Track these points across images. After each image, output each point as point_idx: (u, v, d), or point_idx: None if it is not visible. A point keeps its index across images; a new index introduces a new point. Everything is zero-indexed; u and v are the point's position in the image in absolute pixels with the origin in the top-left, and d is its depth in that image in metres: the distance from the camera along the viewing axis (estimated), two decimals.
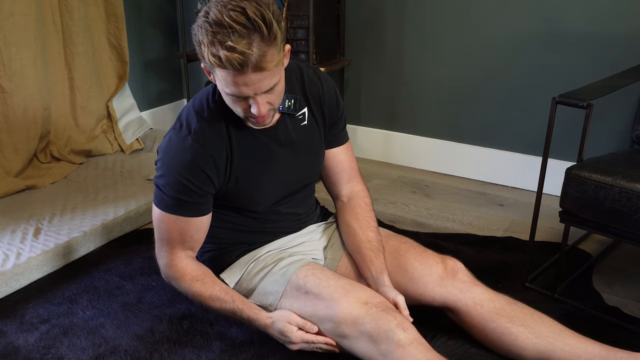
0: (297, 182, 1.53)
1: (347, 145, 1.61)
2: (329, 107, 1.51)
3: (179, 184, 1.36)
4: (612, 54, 2.25)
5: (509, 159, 2.59)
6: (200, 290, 1.44)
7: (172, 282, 1.49)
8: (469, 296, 1.44)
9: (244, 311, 1.43)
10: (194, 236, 1.45)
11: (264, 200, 1.49)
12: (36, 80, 2.45)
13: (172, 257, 1.46)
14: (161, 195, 1.39)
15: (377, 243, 1.52)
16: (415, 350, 1.24)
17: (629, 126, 2.28)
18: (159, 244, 1.47)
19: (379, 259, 1.48)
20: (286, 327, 1.38)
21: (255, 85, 1.21)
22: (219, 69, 1.20)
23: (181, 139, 1.36)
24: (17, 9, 2.32)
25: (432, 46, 2.63)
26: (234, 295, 1.45)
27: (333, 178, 1.61)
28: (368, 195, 1.62)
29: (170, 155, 1.37)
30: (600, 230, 1.65)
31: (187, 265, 1.47)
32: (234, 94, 1.24)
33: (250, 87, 1.21)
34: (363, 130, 2.92)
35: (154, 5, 3.06)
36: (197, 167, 1.35)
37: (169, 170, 1.36)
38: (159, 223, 1.44)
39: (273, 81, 1.23)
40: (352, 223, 1.55)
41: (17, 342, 1.58)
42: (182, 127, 1.37)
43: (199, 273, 1.47)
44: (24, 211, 2.18)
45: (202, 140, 1.35)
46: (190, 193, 1.37)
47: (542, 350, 1.37)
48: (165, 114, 3.22)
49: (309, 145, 1.50)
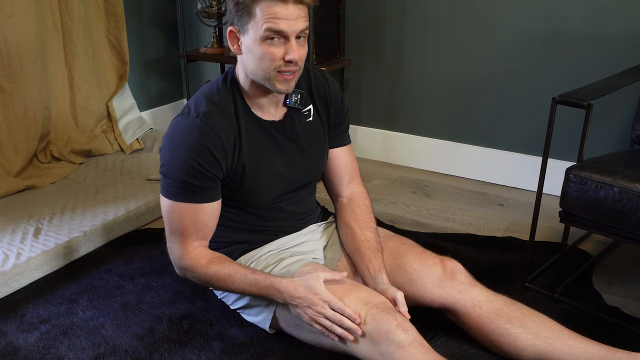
0: (300, 178, 1.53)
1: (349, 147, 1.62)
2: (334, 107, 1.53)
3: (187, 167, 1.34)
4: (612, 54, 2.25)
5: (509, 159, 2.59)
6: (217, 270, 1.40)
7: (187, 272, 1.45)
8: (468, 297, 1.44)
9: (267, 278, 1.38)
10: (207, 223, 1.42)
11: (267, 193, 1.48)
12: (36, 80, 2.45)
13: (185, 247, 1.42)
14: (169, 183, 1.37)
15: (375, 243, 1.51)
16: (416, 351, 1.24)
17: (629, 126, 2.28)
18: (170, 238, 1.44)
19: (377, 258, 1.48)
20: (318, 285, 1.31)
21: (292, 21, 1.26)
22: (262, 2, 1.24)
23: (189, 122, 1.35)
24: (17, 9, 2.32)
25: (432, 46, 2.63)
26: (252, 268, 1.42)
27: (334, 179, 1.61)
28: (368, 197, 1.62)
29: (177, 137, 1.36)
30: (600, 230, 1.65)
31: (202, 252, 1.43)
32: (273, 30, 1.26)
33: (289, 20, 1.25)
34: (363, 130, 2.92)
35: (154, 5, 3.06)
36: (204, 148, 1.33)
37: (176, 152, 1.35)
38: (169, 214, 1.41)
39: (306, 24, 1.29)
40: (352, 223, 1.55)
41: (17, 342, 1.58)
42: (191, 111, 1.37)
43: (213, 256, 1.44)
44: (24, 211, 2.18)
45: (211, 122, 1.34)
46: (199, 176, 1.35)
47: (541, 351, 1.37)
48: (165, 114, 3.22)
49: (314, 142, 1.52)
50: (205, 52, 2.86)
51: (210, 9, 2.76)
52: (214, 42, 2.86)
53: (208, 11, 2.76)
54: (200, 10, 2.78)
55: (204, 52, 2.86)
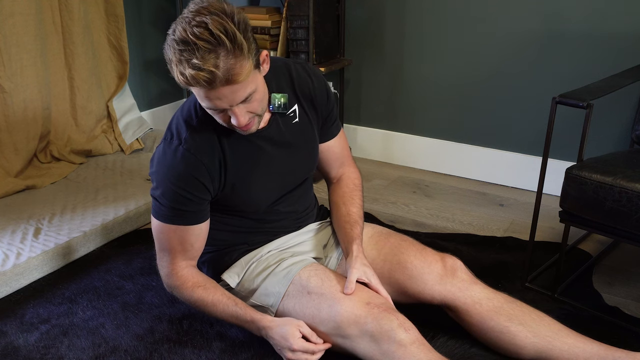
0: (293, 180, 1.53)
1: (340, 135, 1.62)
2: (321, 103, 1.51)
3: (174, 194, 1.36)
4: (612, 54, 2.25)
5: (509, 159, 2.59)
6: (202, 296, 1.44)
7: (174, 291, 1.49)
8: (468, 294, 1.44)
9: (247, 313, 1.41)
10: (195, 244, 1.45)
11: (261, 202, 1.49)
12: (36, 80, 2.45)
13: (173, 266, 1.46)
14: (158, 206, 1.40)
15: (356, 216, 1.52)
16: (417, 350, 1.24)
17: (629, 126, 2.28)
18: (160, 255, 1.48)
19: (354, 230, 1.49)
20: (291, 332, 1.35)
21: (229, 98, 1.20)
22: (194, 87, 1.20)
23: (172, 150, 1.36)
24: (17, 9, 2.32)
25: (432, 46, 2.63)
26: (235, 299, 1.44)
27: (326, 165, 1.63)
28: (359, 177, 1.64)
29: (164, 167, 1.37)
30: (600, 230, 1.65)
31: (189, 273, 1.47)
32: (210, 108, 1.25)
33: (224, 100, 1.20)
34: (363, 130, 2.92)
35: (154, 5, 3.06)
36: (191, 176, 1.35)
37: (163, 181, 1.37)
38: (158, 234, 1.44)
39: (247, 91, 1.21)
40: (337, 200, 1.58)
41: (17, 342, 1.58)
42: (173, 138, 1.37)
43: (200, 279, 1.46)
44: (24, 211, 2.18)
45: (194, 149, 1.35)
46: (187, 202, 1.37)
47: (541, 349, 1.37)
48: (165, 114, 3.22)
49: (303, 142, 1.50)
50: None
51: None
52: None
53: None
54: None
55: None
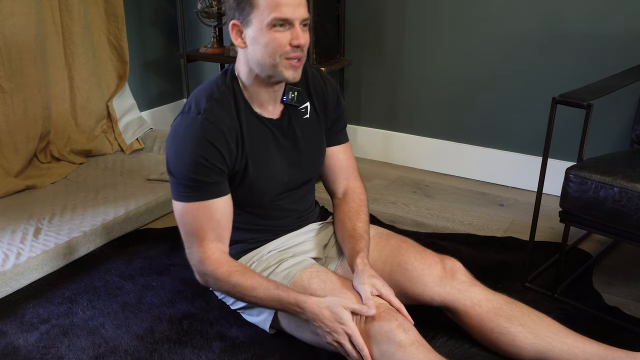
0: (300, 175, 1.54)
1: (347, 146, 1.63)
2: (331, 104, 1.55)
3: (193, 163, 1.34)
4: (612, 54, 2.25)
5: (509, 159, 2.59)
6: (240, 281, 1.38)
7: (208, 279, 1.43)
8: (468, 296, 1.44)
9: (291, 295, 1.35)
10: (220, 221, 1.41)
11: (269, 190, 1.49)
12: (36, 80, 2.45)
13: (204, 250, 1.41)
14: (177, 184, 1.38)
15: (361, 230, 1.51)
16: (416, 351, 1.24)
17: (629, 126, 2.28)
18: (188, 242, 1.43)
19: (359, 243, 1.47)
20: (344, 314, 1.29)
21: (296, 8, 1.30)
22: None
23: (190, 119, 1.36)
24: (17, 9, 2.32)
25: (432, 46, 2.63)
26: (275, 282, 1.39)
27: (331, 176, 1.62)
28: (364, 193, 1.63)
29: (180, 136, 1.36)
30: (600, 230, 1.65)
31: (222, 257, 1.41)
32: (279, 18, 1.28)
33: (292, 8, 1.29)
34: (363, 130, 2.92)
35: (154, 5, 3.06)
36: (208, 143, 1.34)
37: (180, 151, 1.35)
38: (182, 216, 1.41)
39: (307, 14, 1.33)
40: (343, 216, 1.56)
41: (17, 342, 1.58)
42: (191, 109, 1.38)
43: (234, 264, 1.42)
44: (24, 211, 2.18)
45: (213, 117, 1.35)
46: (206, 171, 1.35)
47: (541, 350, 1.37)
48: (165, 114, 3.22)
49: (312, 139, 1.52)
50: (205, 52, 2.86)
51: (210, 9, 2.76)
52: (214, 42, 2.86)
53: (208, 11, 2.77)
54: (200, 10, 2.78)
55: (204, 52, 2.86)
